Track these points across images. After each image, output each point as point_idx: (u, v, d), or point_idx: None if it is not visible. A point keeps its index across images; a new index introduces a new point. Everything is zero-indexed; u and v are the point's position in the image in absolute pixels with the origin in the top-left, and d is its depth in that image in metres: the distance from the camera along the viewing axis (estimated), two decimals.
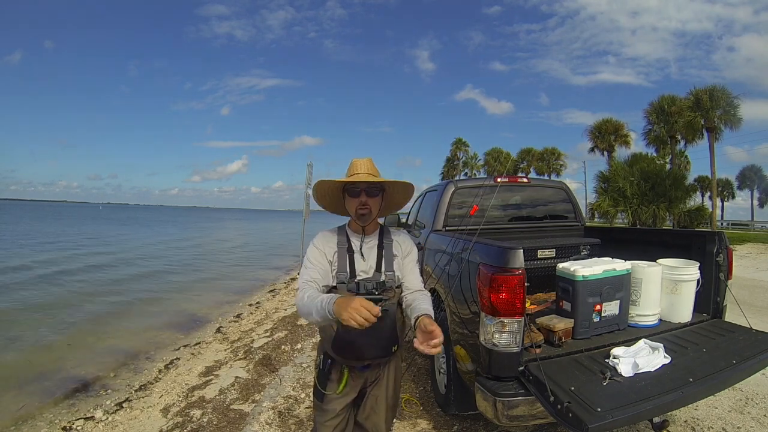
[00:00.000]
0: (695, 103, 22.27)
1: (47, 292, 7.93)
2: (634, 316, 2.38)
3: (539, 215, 3.81)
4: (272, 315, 6.15)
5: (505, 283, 1.84)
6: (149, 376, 4.12)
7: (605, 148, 28.88)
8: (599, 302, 2.22)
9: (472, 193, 3.47)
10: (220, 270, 11.95)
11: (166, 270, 11.40)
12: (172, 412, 3.13)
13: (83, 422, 3.12)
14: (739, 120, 22.06)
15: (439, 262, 2.74)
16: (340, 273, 1.47)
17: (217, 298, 8.00)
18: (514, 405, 1.80)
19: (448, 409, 2.63)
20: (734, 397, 2.89)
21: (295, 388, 3.26)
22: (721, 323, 2.43)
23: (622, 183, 17.08)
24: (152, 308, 7.07)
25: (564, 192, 3.89)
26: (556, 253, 2.96)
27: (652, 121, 24.09)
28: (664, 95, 23.77)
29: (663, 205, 16.53)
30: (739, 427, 2.53)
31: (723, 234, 2.53)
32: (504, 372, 1.90)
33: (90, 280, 9.30)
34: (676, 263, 2.47)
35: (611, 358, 1.90)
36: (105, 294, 7.97)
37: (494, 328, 1.87)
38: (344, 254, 1.50)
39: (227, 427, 2.77)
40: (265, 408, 2.91)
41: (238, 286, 9.53)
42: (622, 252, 2.62)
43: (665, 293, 2.44)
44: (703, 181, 35.07)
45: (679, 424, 2.56)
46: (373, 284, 1.46)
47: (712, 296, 2.50)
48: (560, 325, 2.14)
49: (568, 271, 2.26)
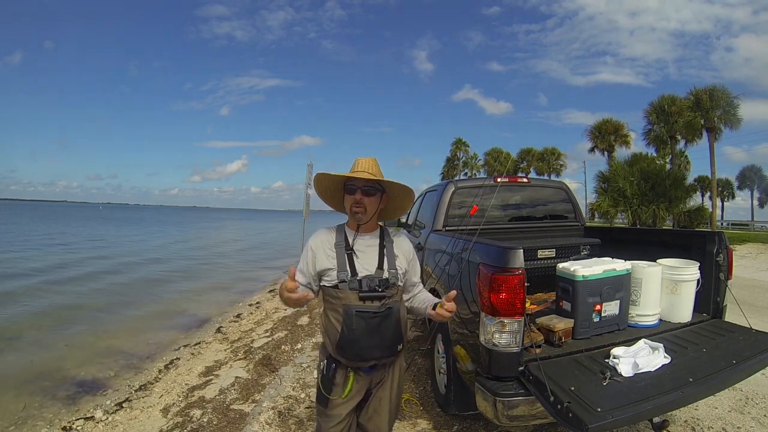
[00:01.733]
0: (695, 103, 22.27)
1: (47, 292, 7.92)
2: (634, 316, 2.38)
3: (539, 215, 3.81)
4: (272, 315, 6.15)
5: (505, 283, 1.84)
6: (149, 376, 4.11)
7: (605, 148, 28.87)
8: (599, 302, 2.22)
9: (472, 193, 3.47)
10: (220, 270, 11.94)
11: (166, 270, 11.38)
12: (172, 412, 3.13)
13: (83, 422, 3.12)
14: (739, 120, 22.08)
15: (439, 262, 2.74)
16: (340, 272, 1.46)
17: (217, 298, 8.00)
18: (514, 405, 1.80)
19: (448, 409, 2.63)
20: (734, 397, 2.89)
21: (295, 388, 3.26)
22: (721, 323, 2.43)
23: (622, 183, 17.07)
24: (152, 308, 7.07)
25: (564, 192, 3.89)
26: (556, 253, 2.96)
27: (652, 121, 24.09)
28: (664, 95, 23.78)
29: (663, 205, 16.52)
30: (739, 427, 2.53)
31: (723, 234, 2.53)
32: (504, 372, 1.90)
33: (90, 281, 9.28)
34: (676, 263, 2.47)
35: (611, 358, 1.90)
36: (105, 294, 7.96)
37: (494, 328, 1.87)
38: (342, 253, 1.48)
39: (227, 427, 2.77)
40: (265, 408, 2.91)
41: (238, 286, 9.52)
42: (622, 252, 2.62)
43: (665, 293, 2.44)
44: (703, 181, 35.07)
45: (679, 424, 2.56)
46: (376, 281, 1.45)
47: (712, 296, 2.50)
48: (560, 325, 2.14)
49: (568, 271, 2.26)
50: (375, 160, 1.54)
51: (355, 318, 1.41)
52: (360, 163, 1.51)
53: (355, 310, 1.41)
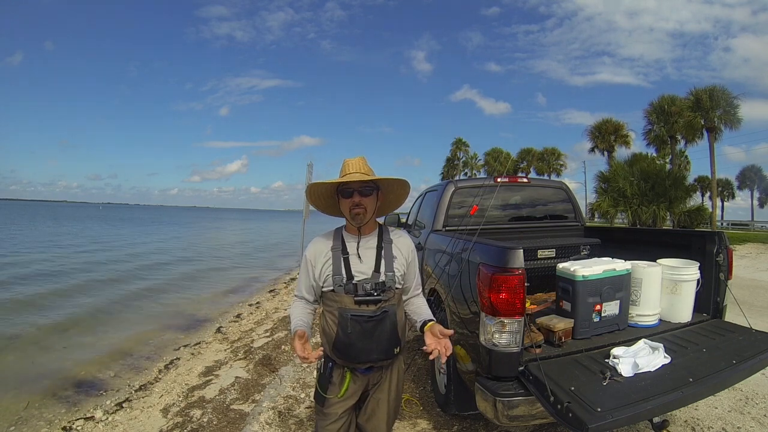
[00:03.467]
0: (695, 103, 22.28)
1: (47, 292, 7.92)
2: (634, 316, 2.38)
3: (539, 215, 3.81)
4: (272, 315, 6.15)
5: (505, 283, 1.84)
6: (149, 376, 4.12)
7: (605, 148, 28.87)
8: (599, 302, 2.22)
9: (472, 193, 3.47)
10: (220, 270, 11.94)
11: (166, 270, 11.39)
12: (172, 412, 3.13)
13: (83, 422, 3.12)
14: (739, 120, 22.10)
15: (439, 262, 2.74)
16: (335, 276, 1.46)
17: (217, 298, 8.01)
18: (514, 405, 1.80)
19: (448, 409, 2.63)
20: (734, 397, 2.89)
21: (295, 388, 3.26)
22: (721, 323, 2.43)
23: (622, 183, 17.09)
24: (152, 308, 7.07)
25: (564, 192, 3.89)
26: (556, 253, 2.96)
27: (652, 121, 24.10)
28: (664, 95, 23.82)
29: (663, 205, 16.54)
30: (739, 427, 2.53)
31: (723, 234, 2.52)
32: (504, 372, 1.89)
33: (90, 281, 9.29)
34: (676, 263, 2.47)
35: (611, 358, 1.89)
36: (105, 294, 7.96)
37: (494, 328, 1.87)
38: (338, 258, 1.47)
39: (227, 427, 2.77)
40: (265, 408, 2.91)
41: (239, 286, 9.53)
42: (622, 252, 2.62)
43: (665, 293, 2.43)
44: (703, 181, 35.07)
45: (679, 424, 2.56)
46: (372, 285, 1.44)
47: (712, 296, 2.50)
48: (560, 325, 2.14)
49: (568, 271, 2.26)
50: (363, 159, 1.53)
51: (350, 322, 1.42)
52: (350, 164, 1.50)
53: (350, 314, 1.42)
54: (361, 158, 1.53)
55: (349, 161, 1.51)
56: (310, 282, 1.53)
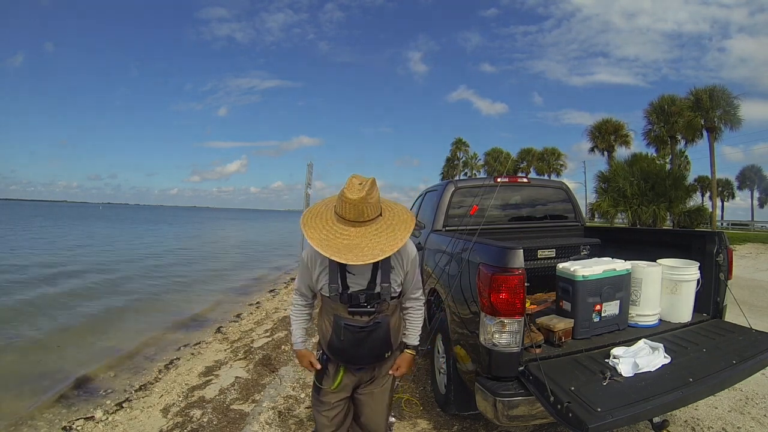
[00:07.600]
0: (695, 103, 22.26)
1: (48, 292, 7.92)
2: (634, 316, 2.38)
3: (539, 215, 3.81)
4: (272, 315, 6.15)
5: (505, 283, 1.84)
6: (149, 376, 4.11)
7: (605, 148, 28.85)
8: (599, 302, 2.22)
9: (472, 193, 3.47)
10: (220, 270, 11.93)
11: (166, 270, 11.38)
12: (172, 412, 3.13)
13: (83, 422, 3.12)
14: (739, 120, 22.07)
15: (439, 262, 2.74)
16: (331, 285, 1.46)
17: (217, 298, 8.00)
18: (514, 405, 1.80)
19: (448, 409, 2.63)
20: (734, 397, 2.89)
21: (295, 388, 3.26)
22: (721, 323, 2.43)
23: (622, 183, 17.08)
24: (152, 308, 7.07)
25: (564, 192, 3.89)
26: (556, 253, 2.96)
27: (652, 121, 24.08)
28: (664, 95, 23.80)
29: (663, 205, 16.53)
30: (739, 427, 2.53)
31: (723, 234, 2.53)
32: (504, 372, 1.90)
33: (90, 281, 9.28)
34: (676, 263, 2.47)
35: (611, 358, 1.90)
36: (105, 294, 7.96)
37: (494, 328, 1.87)
38: (335, 268, 1.45)
39: (227, 427, 2.77)
40: (265, 408, 2.91)
41: (238, 286, 9.53)
42: (622, 252, 2.62)
43: (665, 293, 2.44)
44: (703, 181, 35.03)
45: (679, 424, 2.56)
46: (365, 297, 1.44)
47: (712, 296, 2.50)
48: (560, 325, 2.14)
49: (568, 271, 2.26)
50: (370, 189, 1.31)
51: (343, 330, 1.45)
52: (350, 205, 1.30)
53: (343, 322, 1.45)
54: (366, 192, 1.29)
55: (349, 197, 1.29)
56: (308, 282, 1.58)
